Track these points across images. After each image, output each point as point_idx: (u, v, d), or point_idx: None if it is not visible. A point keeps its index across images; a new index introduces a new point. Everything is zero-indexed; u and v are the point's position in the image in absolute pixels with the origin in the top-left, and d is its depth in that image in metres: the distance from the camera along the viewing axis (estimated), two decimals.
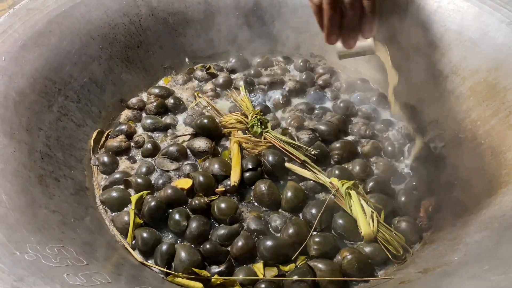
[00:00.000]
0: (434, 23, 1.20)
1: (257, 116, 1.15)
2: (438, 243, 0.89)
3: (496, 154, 0.96)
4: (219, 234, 0.93)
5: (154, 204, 0.94)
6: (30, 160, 0.90)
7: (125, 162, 1.11)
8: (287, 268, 0.89)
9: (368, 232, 0.92)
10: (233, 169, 1.05)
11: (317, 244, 0.90)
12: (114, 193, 1.00)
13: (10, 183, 0.80)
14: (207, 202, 0.98)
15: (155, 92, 1.27)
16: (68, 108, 1.08)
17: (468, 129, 1.07)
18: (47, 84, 1.04)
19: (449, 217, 0.96)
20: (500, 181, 0.90)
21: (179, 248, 0.89)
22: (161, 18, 1.33)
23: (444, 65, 1.17)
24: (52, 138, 1.00)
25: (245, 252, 0.90)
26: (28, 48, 1.03)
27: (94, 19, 1.19)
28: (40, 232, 0.74)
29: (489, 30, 1.09)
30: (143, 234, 0.91)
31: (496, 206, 0.85)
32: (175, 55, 1.38)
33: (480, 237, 0.80)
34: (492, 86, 1.05)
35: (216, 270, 0.88)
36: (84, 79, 1.15)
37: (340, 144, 1.13)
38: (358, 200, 0.96)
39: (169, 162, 1.09)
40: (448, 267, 0.76)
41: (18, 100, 0.95)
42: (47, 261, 0.67)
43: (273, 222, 0.97)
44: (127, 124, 1.16)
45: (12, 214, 0.73)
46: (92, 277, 0.68)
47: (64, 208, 0.89)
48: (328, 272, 0.85)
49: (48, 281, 0.61)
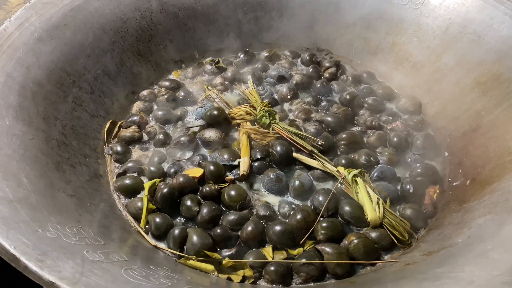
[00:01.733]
0: (439, 16, 1.22)
1: (266, 108, 1.18)
2: (443, 228, 0.92)
3: (500, 143, 0.98)
4: (230, 220, 0.95)
5: (167, 190, 0.97)
6: (47, 147, 0.94)
7: (138, 151, 1.14)
8: (295, 252, 0.92)
9: (374, 217, 0.94)
10: (242, 159, 1.08)
11: (325, 229, 0.93)
12: (127, 180, 1.03)
13: (30, 167, 0.83)
14: (217, 189, 1.00)
15: (166, 84, 1.30)
16: (82, 99, 1.12)
17: (472, 119, 1.09)
18: (62, 76, 1.08)
19: (454, 204, 0.98)
20: (503, 167, 0.92)
21: (191, 232, 0.92)
22: (171, 13, 1.36)
23: (449, 57, 1.19)
24: (67, 127, 1.03)
25: (254, 237, 0.92)
26: (44, 40, 1.06)
27: (107, 13, 1.23)
28: (59, 213, 0.77)
29: (493, 23, 1.11)
30: (156, 219, 0.94)
31: (499, 192, 0.87)
32: (185, 49, 1.41)
33: (483, 221, 0.82)
34: (496, 77, 1.07)
35: (226, 254, 0.91)
36: (97, 71, 1.18)
37: (346, 135, 1.15)
38: (364, 187, 0.98)
39: (180, 152, 1.12)
40: (452, 248, 0.79)
41: (35, 90, 0.99)
42: (67, 239, 0.70)
43: (281, 209, 1.00)
44: (139, 115, 1.19)
45: (33, 196, 0.77)
46: (110, 255, 0.71)
47: (80, 193, 0.92)
48: (335, 255, 0.88)
49: (70, 256, 0.64)
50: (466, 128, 1.11)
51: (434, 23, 1.25)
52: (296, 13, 1.44)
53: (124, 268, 0.69)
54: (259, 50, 1.49)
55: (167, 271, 0.77)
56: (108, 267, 0.67)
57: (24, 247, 0.62)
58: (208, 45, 1.45)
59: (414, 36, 1.30)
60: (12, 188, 0.75)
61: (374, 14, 1.36)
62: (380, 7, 1.34)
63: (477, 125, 1.08)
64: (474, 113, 1.10)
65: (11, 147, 0.84)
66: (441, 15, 1.23)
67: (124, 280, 0.66)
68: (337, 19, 1.42)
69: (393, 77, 1.36)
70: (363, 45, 1.41)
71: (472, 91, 1.13)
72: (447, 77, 1.21)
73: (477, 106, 1.10)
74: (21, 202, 0.73)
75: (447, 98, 1.19)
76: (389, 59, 1.37)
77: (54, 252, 0.64)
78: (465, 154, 1.07)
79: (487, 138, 1.03)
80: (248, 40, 1.48)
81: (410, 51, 1.31)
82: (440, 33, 1.24)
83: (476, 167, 1.01)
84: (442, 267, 0.72)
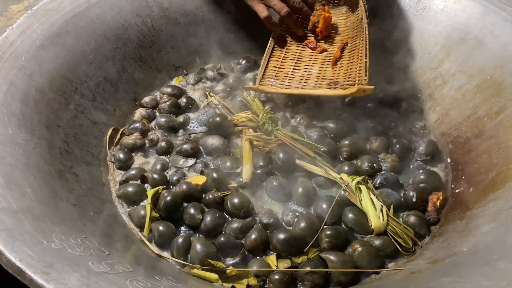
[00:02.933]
0: (441, 22, 1.23)
1: (268, 114, 1.18)
2: (446, 236, 0.92)
3: (503, 149, 0.99)
4: (233, 228, 0.95)
5: (170, 198, 0.97)
6: (50, 155, 0.93)
7: (140, 158, 1.13)
8: (299, 260, 0.91)
9: (378, 225, 0.94)
10: (244, 167, 1.08)
11: (329, 237, 0.93)
12: (130, 188, 1.03)
13: (34, 176, 0.83)
14: (220, 197, 1.00)
15: (168, 91, 1.30)
16: (84, 106, 1.11)
17: (474, 125, 1.09)
18: (64, 83, 1.07)
19: (458, 211, 0.98)
20: (507, 174, 0.92)
21: (194, 240, 0.91)
22: (173, 19, 1.36)
23: (451, 63, 1.20)
24: (70, 135, 1.03)
25: (258, 245, 0.92)
26: (46, 47, 1.06)
27: (108, 20, 1.23)
28: (63, 224, 0.77)
29: (494, 29, 1.12)
30: (159, 228, 0.94)
31: (503, 199, 0.87)
32: (186, 55, 1.41)
33: (488, 229, 0.82)
34: (499, 83, 1.08)
35: (230, 262, 0.90)
36: (99, 78, 1.18)
37: (349, 141, 1.15)
38: (368, 194, 0.98)
39: (183, 159, 1.12)
40: (457, 257, 0.79)
41: (38, 98, 0.98)
42: (72, 250, 0.70)
43: (285, 216, 1.00)
44: (142, 122, 1.18)
45: (37, 206, 0.76)
46: (114, 266, 0.71)
47: (84, 201, 0.92)
48: (340, 264, 0.87)
49: (75, 268, 0.64)
50: (468, 134, 1.11)
51: (436, 29, 1.25)
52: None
53: (130, 279, 0.68)
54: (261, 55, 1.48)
55: (171, 281, 0.77)
56: (114, 278, 0.67)
57: (29, 260, 0.61)
58: (210, 51, 1.45)
59: (415, 41, 1.30)
60: (16, 198, 0.74)
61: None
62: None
63: (479, 131, 1.08)
64: (477, 119, 1.10)
65: (14, 156, 0.84)
66: (443, 21, 1.24)
67: None
68: None
69: (394, 83, 1.36)
70: None
71: (474, 97, 1.13)
72: (449, 83, 1.21)
73: (480, 112, 1.10)
74: (25, 213, 0.72)
75: (449, 104, 1.19)
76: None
77: (60, 264, 0.63)
78: (468, 160, 1.07)
79: (490, 145, 1.03)
80: (250, 44, 1.47)
81: (411, 57, 1.31)
82: (441, 39, 1.24)
83: (479, 174, 1.01)
84: (448, 276, 0.72)
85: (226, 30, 1.44)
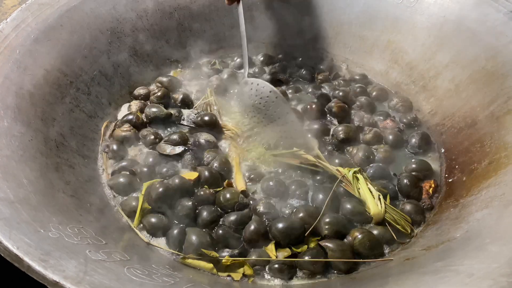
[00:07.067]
0: (434, 14, 1.24)
1: None
2: (440, 223, 0.93)
3: (496, 138, 1.00)
4: (232, 220, 0.95)
5: (162, 190, 0.97)
6: (46, 148, 0.93)
7: (133, 149, 1.14)
8: (299, 249, 0.92)
9: (377, 211, 0.95)
10: (236, 176, 1.08)
11: (329, 224, 0.93)
12: (121, 179, 1.02)
13: (30, 168, 0.83)
14: (212, 193, 1.00)
15: (163, 80, 1.31)
16: (79, 99, 1.11)
17: (468, 115, 1.10)
18: (59, 77, 1.07)
19: (451, 199, 0.99)
20: (499, 162, 0.93)
21: (189, 231, 0.92)
22: (167, 13, 1.36)
23: (444, 55, 1.21)
24: (65, 128, 1.03)
25: (257, 235, 0.92)
26: (41, 41, 1.06)
27: (103, 14, 1.23)
28: (60, 214, 0.77)
29: (487, 20, 1.13)
30: (151, 219, 0.94)
31: (496, 186, 0.88)
32: (181, 49, 1.41)
33: (481, 215, 0.83)
34: (491, 74, 1.09)
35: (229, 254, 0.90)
36: (94, 72, 1.18)
37: (343, 127, 1.17)
38: (365, 183, 0.99)
39: (170, 147, 1.11)
40: (451, 243, 0.80)
41: (33, 91, 0.98)
42: (69, 239, 0.70)
43: (283, 209, 1.00)
44: (135, 115, 1.18)
45: (34, 196, 0.77)
46: (112, 254, 0.71)
47: (80, 193, 0.92)
48: (339, 252, 0.88)
49: (73, 256, 0.64)
50: (462, 124, 1.12)
51: (429, 20, 1.26)
52: (291, 13, 1.44)
53: (127, 267, 0.69)
54: (255, 49, 1.49)
55: (168, 270, 0.77)
56: (111, 266, 0.68)
57: (26, 247, 0.62)
58: (204, 45, 1.45)
59: (409, 34, 1.31)
60: (12, 188, 0.74)
61: (369, 12, 1.37)
62: (375, 6, 1.35)
63: (472, 121, 1.09)
64: (470, 109, 1.11)
65: (10, 148, 0.84)
66: (436, 13, 1.24)
67: (128, 279, 0.66)
68: (332, 18, 1.43)
69: (388, 75, 1.37)
70: (358, 43, 1.42)
71: (467, 88, 1.14)
72: (442, 74, 1.22)
73: (473, 102, 1.11)
74: (22, 203, 0.72)
75: (443, 95, 1.20)
76: (385, 57, 1.38)
77: (57, 252, 0.64)
78: (461, 150, 1.09)
79: (483, 134, 1.04)
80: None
81: (405, 49, 1.32)
82: (434, 31, 1.25)
83: (472, 163, 1.02)
84: (441, 261, 0.73)
85: (221, 24, 1.45)
